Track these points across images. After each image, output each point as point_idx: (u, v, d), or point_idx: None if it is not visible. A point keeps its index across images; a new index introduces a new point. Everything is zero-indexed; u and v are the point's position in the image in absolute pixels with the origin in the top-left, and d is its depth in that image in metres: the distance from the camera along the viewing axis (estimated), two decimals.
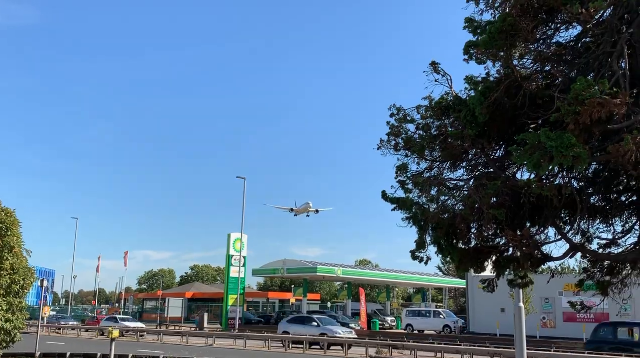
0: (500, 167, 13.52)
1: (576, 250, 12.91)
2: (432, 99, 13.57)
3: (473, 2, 12.60)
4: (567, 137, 10.04)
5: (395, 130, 13.46)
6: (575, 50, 13.55)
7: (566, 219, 13.92)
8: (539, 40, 13.24)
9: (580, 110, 10.05)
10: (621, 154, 10.23)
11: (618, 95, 10.21)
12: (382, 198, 13.29)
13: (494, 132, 12.90)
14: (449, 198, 13.13)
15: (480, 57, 11.87)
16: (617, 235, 14.57)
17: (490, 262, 13.62)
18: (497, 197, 12.38)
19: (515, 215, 12.60)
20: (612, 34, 11.51)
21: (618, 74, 10.94)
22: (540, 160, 10.35)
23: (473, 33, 11.98)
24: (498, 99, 11.93)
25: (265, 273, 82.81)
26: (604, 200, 14.54)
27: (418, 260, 13.20)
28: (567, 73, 12.78)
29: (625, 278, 14.69)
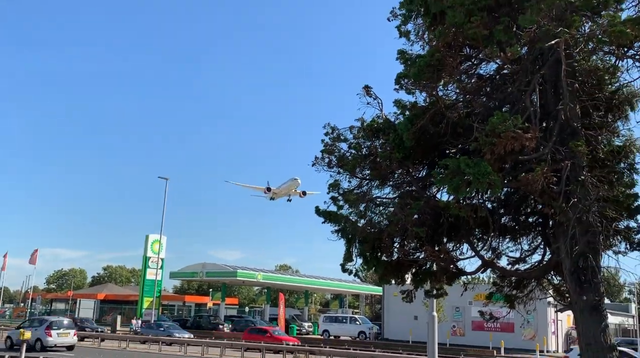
0: (423, 187, 14.63)
1: (487, 266, 14.18)
2: (364, 121, 14.49)
3: (404, 37, 13.61)
4: (484, 165, 11.16)
5: (329, 148, 14.27)
6: (494, 82, 14.90)
7: (480, 237, 15.23)
8: (462, 73, 14.48)
9: (495, 141, 11.20)
10: (530, 182, 11.52)
11: (529, 130, 11.47)
12: (315, 213, 14.05)
13: (419, 156, 14.00)
14: (376, 215, 14.06)
15: (409, 87, 12.88)
16: (524, 253, 16.06)
17: (409, 275, 14.67)
18: (420, 215, 13.45)
19: (435, 232, 13.71)
20: (526, 73, 12.84)
21: (530, 110, 12.21)
22: (459, 184, 11.44)
23: (404, 64, 12.98)
24: (423, 126, 13.00)
25: (183, 276, 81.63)
26: (514, 220, 16.00)
27: (347, 273, 14.03)
28: (486, 104, 14.06)
29: (530, 293, 16.20)
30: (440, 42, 12.83)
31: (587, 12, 11.80)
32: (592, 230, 11.72)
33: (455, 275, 14.19)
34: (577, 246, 11.59)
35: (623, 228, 14.95)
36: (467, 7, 11.44)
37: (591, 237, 11.74)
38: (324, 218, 13.95)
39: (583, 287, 11.69)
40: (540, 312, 49.73)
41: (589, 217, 11.62)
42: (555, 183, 11.74)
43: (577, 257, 11.59)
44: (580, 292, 11.71)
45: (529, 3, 11.16)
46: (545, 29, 11.18)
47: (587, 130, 13.96)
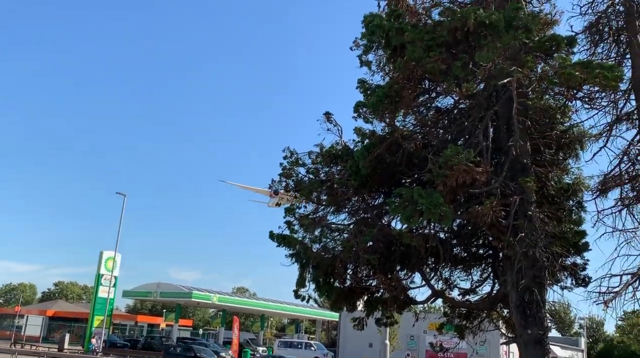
0: (378, 214, 14.79)
1: (437, 296, 14.35)
2: (322, 146, 14.64)
3: (365, 66, 13.89)
4: (436, 196, 11.39)
5: (287, 172, 14.34)
6: (451, 116, 15.28)
7: (432, 266, 15.43)
8: (420, 105, 14.81)
9: (448, 173, 11.45)
10: (479, 215, 11.79)
11: (481, 164, 11.78)
12: (269, 237, 14.03)
13: (375, 184, 14.19)
14: (331, 240, 14.13)
15: (368, 116, 13.10)
16: (474, 284, 16.34)
17: (361, 302, 14.73)
18: (373, 242, 13.58)
19: (387, 260, 13.84)
20: (480, 109, 13.21)
21: (482, 144, 12.54)
22: (412, 214, 11.63)
23: (364, 93, 13.21)
24: (380, 155, 13.22)
25: (136, 295, 79.69)
26: (465, 251, 16.27)
27: (300, 298, 14.01)
28: (442, 136, 14.39)
29: (480, 324, 16.43)
30: (400, 75, 13.13)
31: (540, 53, 12.26)
32: (538, 264, 12.01)
33: (406, 304, 14.31)
34: (523, 280, 11.85)
35: (570, 264, 15.37)
36: (427, 42, 11.76)
37: (537, 272, 12.03)
38: (278, 243, 13.94)
39: (528, 320, 11.93)
40: (492, 344, 50.19)
41: (536, 252, 11.92)
42: (504, 218, 12.03)
43: (522, 291, 11.85)
44: (525, 326, 11.94)
45: (486, 41, 11.55)
46: (500, 67, 11.57)
47: (538, 167, 14.41)
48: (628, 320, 66.05)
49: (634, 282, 11.14)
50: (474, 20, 11.32)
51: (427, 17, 13.99)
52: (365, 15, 12.97)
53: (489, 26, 11.36)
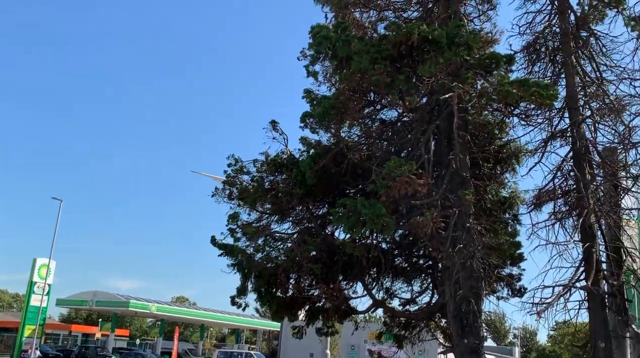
0: (322, 224, 14.86)
1: (378, 306, 14.51)
2: (268, 155, 14.61)
3: (312, 77, 13.98)
4: (379, 207, 11.53)
5: (231, 180, 14.21)
6: (395, 128, 15.55)
7: (374, 276, 15.60)
8: (365, 117, 15.02)
9: (391, 185, 11.62)
10: (420, 226, 12.00)
11: (422, 176, 12.01)
12: (211, 243, 13.84)
13: (320, 193, 14.26)
14: (274, 249, 14.08)
15: (314, 126, 13.18)
16: (414, 294, 16.62)
17: (303, 311, 14.73)
18: (317, 252, 13.61)
19: (330, 270, 13.90)
20: (423, 122, 13.50)
21: (424, 157, 12.79)
22: (355, 224, 11.72)
23: (310, 103, 13.27)
24: (326, 165, 13.30)
25: (71, 304, 76.85)
26: (406, 262, 16.55)
27: (237, 306, 13.87)
28: (386, 148, 14.62)
29: (419, 333, 16.71)
30: (346, 86, 13.28)
31: (480, 70, 12.66)
32: (475, 275, 12.34)
33: (347, 313, 14.40)
34: (460, 290, 12.14)
35: (506, 275, 15.88)
36: (372, 54, 11.95)
37: (474, 282, 12.35)
38: (220, 251, 13.77)
39: (465, 330, 12.21)
40: (430, 353, 51.00)
41: (473, 263, 12.24)
42: (444, 229, 12.29)
43: (460, 301, 12.13)
44: (462, 335, 12.21)
45: (429, 56, 11.84)
46: (441, 82, 11.88)
47: (476, 180, 14.84)
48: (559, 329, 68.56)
49: (565, 293, 11.59)
50: (417, 36, 11.60)
51: (373, 31, 14.23)
52: (313, 27, 13.07)
53: (432, 42, 11.67)
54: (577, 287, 11.88)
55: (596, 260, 12.38)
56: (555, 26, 14.93)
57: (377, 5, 15.16)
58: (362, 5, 14.87)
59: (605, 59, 14.54)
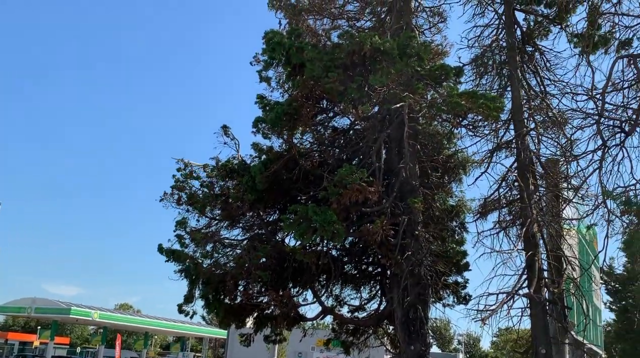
0: (273, 231, 14.77)
1: (327, 313, 14.52)
2: (219, 160, 14.44)
3: (265, 82, 13.94)
4: (330, 214, 11.55)
5: (180, 185, 13.97)
6: (347, 136, 15.66)
7: (323, 283, 15.61)
8: (318, 124, 15.06)
9: (342, 192, 11.67)
10: (370, 233, 12.09)
11: (373, 184, 12.12)
12: (158, 250, 13.55)
13: (271, 200, 14.16)
14: (223, 256, 13.90)
15: (266, 132, 13.11)
16: (363, 301, 16.72)
17: (251, 319, 14.58)
18: (266, 258, 13.51)
19: (279, 277, 13.82)
20: (374, 131, 13.65)
21: (375, 165, 12.92)
22: (305, 231, 11.70)
23: (263, 109, 13.21)
24: (277, 171, 13.24)
25: (8, 311, 73.66)
26: (356, 269, 16.64)
27: (184, 314, 13.61)
28: (338, 155, 14.69)
29: (367, 340, 16.81)
30: (299, 92, 13.29)
31: (430, 81, 12.90)
32: (423, 282, 12.52)
33: (296, 320, 14.34)
34: (408, 297, 12.29)
35: (452, 282, 16.19)
36: (325, 62, 12.01)
37: (422, 289, 12.53)
38: (167, 257, 13.50)
39: (411, 336, 12.36)
40: None
41: (421, 270, 12.42)
42: (393, 236, 12.44)
43: (407, 308, 12.28)
44: (409, 342, 12.35)
45: (380, 66, 11.98)
46: (393, 92, 12.03)
47: (425, 189, 15.08)
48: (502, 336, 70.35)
49: (509, 300, 11.89)
50: (370, 46, 11.73)
51: (327, 39, 14.32)
52: (267, 32, 13.03)
53: (384, 52, 11.82)
54: (520, 295, 12.22)
55: (538, 268, 12.77)
56: (502, 40, 15.40)
57: (330, 13, 15.27)
58: (316, 12, 14.94)
59: (549, 74, 15.11)
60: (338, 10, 15.49)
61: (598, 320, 20.09)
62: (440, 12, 16.19)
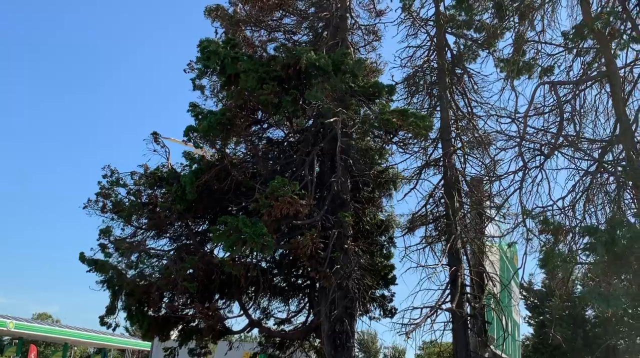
0: (201, 242, 14.51)
1: (254, 326, 14.37)
2: (147, 168, 14.09)
3: (199, 90, 13.76)
4: (260, 226, 11.48)
5: (105, 192, 13.51)
6: (281, 148, 15.65)
7: (251, 296, 15.45)
8: (252, 134, 14.98)
9: (273, 204, 11.64)
10: (300, 246, 12.12)
11: (305, 197, 12.16)
12: (80, 260, 13.01)
13: (201, 210, 13.93)
14: (148, 266, 13.52)
15: (198, 141, 12.92)
16: (291, 313, 16.67)
17: (175, 331, 14.23)
18: (193, 270, 13.23)
19: (206, 289, 13.56)
20: (308, 144, 13.74)
21: (307, 178, 12.99)
22: (235, 242, 11.56)
23: (195, 118, 13.02)
24: (208, 181, 13.04)
25: None
26: (285, 281, 16.59)
27: (106, 326, 13.13)
28: (272, 167, 14.63)
29: (293, 353, 16.74)
30: (233, 102, 13.21)
31: (364, 98, 13.14)
32: (350, 296, 12.64)
33: (222, 333, 14.13)
34: (335, 310, 12.36)
35: (379, 296, 16.44)
36: (260, 74, 12.00)
37: (349, 303, 12.64)
38: (89, 266, 12.99)
39: (337, 350, 12.42)
40: None
41: (349, 284, 12.54)
42: (323, 249, 12.51)
43: (334, 321, 12.35)
44: (335, 355, 12.41)
45: (316, 81, 12.09)
46: (327, 106, 12.16)
47: (356, 203, 15.29)
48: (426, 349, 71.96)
49: (432, 315, 12.20)
50: (305, 60, 11.82)
51: (263, 50, 14.32)
52: (202, 40, 12.89)
53: (319, 67, 11.94)
54: (443, 309, 12.55)
55: (461, 283, 13.18)
56: (433, 61, 15.91)
57: (268, 25, 15.30)
58: (253, 24, 14.92)
59: (476, 96, 15.75)
60: (275, 22, 15.54)
61: (517, 334, 20.88)
62: (375, 30, 16.56)
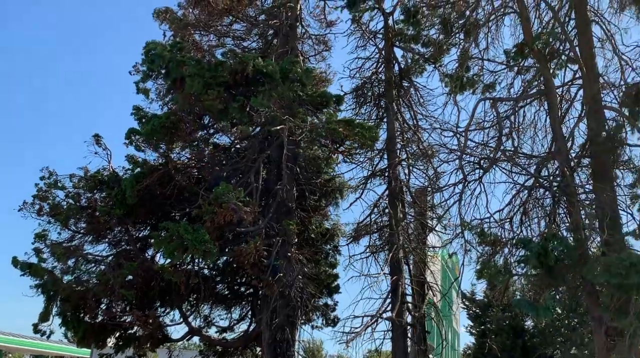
0: (142, 247, 14.21)
1: (194, 334, 14.16)
2: (88, 170, 13.71)
3: (142, 93, 13.52)
4: (202, 233, 11.32)
5: (43, 194, 13.07)
6: (228, 154, 15.52)
7: (193, 303, 15.22)
8: (198, 139, 14.80)
9: (217, 211, 11.51)
10: (243, 254, 12.03)
11: (249, 204, 12.08)
12: (12, 264, 12.49)
13: (142, 215, 13.63)
14: (85, 272, 13.13)
15: (140, 144, 12.68)
16: (233, 322, 16.51)
17: (113, 338, 13.87)
18: (133, 276, 12.93)
19: (146, 296, 13.26)
20: (254, 151, 13.68)
21: (253, 185, 12.91)
22: (175, 249, 11.36)
23: (139, 121, 12.77)
24: (150, 185, 12.78)
25: None
26: (228, 289, 16.43)
27: (40, 334, 12.68)
28: (218, 173, 14.48)
29: None
30: (179, 107, 13.04)
31: (311, 106, 13.21)
32: (292, 304, 12.62)
33: (161, 341, 13.84)
34: (277, 319, 12.32)
35: (322, 304, 16.50)
36: (206, 79, 11.89)
37: (291, 311, 12.63)
38: (23, 271, 12.51)
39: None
40: None
41: (292, 292, 12.52)
42: (266, 257, 12.46)
43: (275, 330, 12.30)
44: None
45: (263, 88, 12.08)
46: (273, 114, 12.16)
47: (302, 211, 15.33)
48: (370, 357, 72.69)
49: (373, 323, 12.30)
50: (253, 67, 11.80)
51: (211, 55, 14.21)
52: (148, 42, 12.68)
53: (267, 75, 11.94)
54: (384, 318, 12.68)
55: (401, 292, 13.36)
56: (381, 74, 16.16)
57: (217, 30, 15.21)
58: (202, 28, 14.80)
59: (422, 109, 16.06)
60: (225, 28, 15.46)
61: (457, 343, 21.32)
62: (326, 40, 16.73)
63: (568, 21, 13.21)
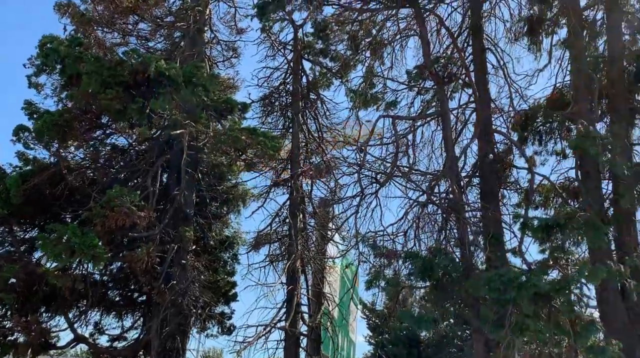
0: (28, 249, 13.45)
1: (80, 341, 13.53)
2: None
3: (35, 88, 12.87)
4: (91, 236, 10.88)
5: None
6: (126, 156, 15.02)
7: (82, 309, 14.54)
8: (95, 139, 14.23)
9: (108, 214, 11.12)
10: (135, 260, 11.69)
11: (144, 209, 11.76)
12: None
13: (28, 215, 12.93)
14: None
15: (29, 142, 12.05)
16: (125, 329, 15.92)
17: None
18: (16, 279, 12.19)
19: (28, 300, 12.56)
20: (153, 154, 13.34)
21: (149, 189, 12.59)
22: (62, 252, 10.85)
23: (30, 117, 12.13)
24: (38, 185, 12.15)
25: None
26: (121, 295, 15.84)
27: None
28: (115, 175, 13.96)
29: None
30: (74, 104, 12.52)
31: (215, 113, 13.09)
32: (184, 312, 12.38)
33: (43, 348, 13.10)
34: (167, 327, 12.03)
35: (218, 313, 16.28)
36: (105, 78, 11.49)
37: (182, 320, 12.39)
38: None
39: None
40: None
41: (184, 300, 12.29)
42: (160, 264, 12.17)
43: (165, 338, 12.01)
44: None
45: (164, 91, 11.83)
46: (175, 118, 11.94)
47: (202, 218, 15.09)
48: None
49: (266, 333, 12.30)
50: (154, 69, 11.53)
51: (113, 53, 13.74)
52: (44, 36, 12.05)
53: (169, 77, 11.70)
54: (277, 327, 12.70)
55: (297, 302, 13.45)
56: (289, 84, 16.26)
57: (121, 28, 14.73)
58: (104, 25, 14.28)
59: (327, 121, 16.29)
60: (130, 26, 15.01)
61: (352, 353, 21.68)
62: (235, 47, 16.61)
63: (466, 47, 13.92)
